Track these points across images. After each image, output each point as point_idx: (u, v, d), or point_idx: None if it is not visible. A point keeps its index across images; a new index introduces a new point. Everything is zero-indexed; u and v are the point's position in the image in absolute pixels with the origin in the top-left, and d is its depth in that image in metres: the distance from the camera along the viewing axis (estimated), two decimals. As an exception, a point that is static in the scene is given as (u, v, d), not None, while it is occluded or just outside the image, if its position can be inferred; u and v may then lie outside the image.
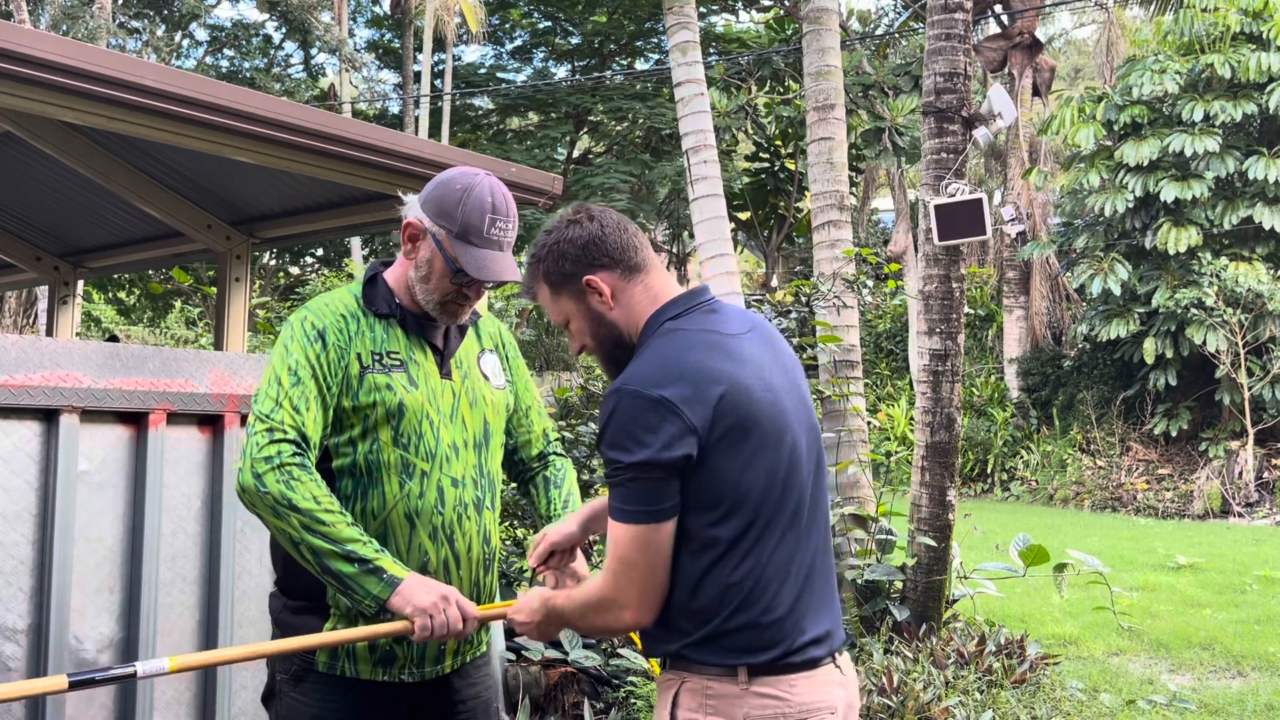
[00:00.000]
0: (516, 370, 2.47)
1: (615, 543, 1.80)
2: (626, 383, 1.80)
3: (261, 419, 2.06)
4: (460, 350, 2.32)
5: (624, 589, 1.81)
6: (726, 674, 1.81)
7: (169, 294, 19.66)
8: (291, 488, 2.00)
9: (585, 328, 1.98)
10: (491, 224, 2.17)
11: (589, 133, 24.86)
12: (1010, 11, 14.61)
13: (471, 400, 2.29)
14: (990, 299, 20.14)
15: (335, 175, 3.77)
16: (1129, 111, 14.85)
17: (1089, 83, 25.92)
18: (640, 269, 1.98)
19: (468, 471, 2.23)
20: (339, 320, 2.19)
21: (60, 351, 2.82)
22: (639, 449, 1.75)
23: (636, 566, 1.79)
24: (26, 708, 2.77)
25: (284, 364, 2.12)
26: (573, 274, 1.95)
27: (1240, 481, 13.84)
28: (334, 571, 2.01)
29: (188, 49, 24.19)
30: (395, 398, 2.16)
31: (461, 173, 2.23)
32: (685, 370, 1.79)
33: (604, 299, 1.95)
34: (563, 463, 2.51)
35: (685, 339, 1.87)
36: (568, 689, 4.46)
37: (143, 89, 3.06)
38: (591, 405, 5.78)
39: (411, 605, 2.02)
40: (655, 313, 1.95)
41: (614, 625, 1.86)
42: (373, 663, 2.17)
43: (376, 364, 2.17)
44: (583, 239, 1.95)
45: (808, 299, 6.24)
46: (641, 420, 1.76)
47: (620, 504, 1.79)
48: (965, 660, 5.20)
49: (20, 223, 5.99)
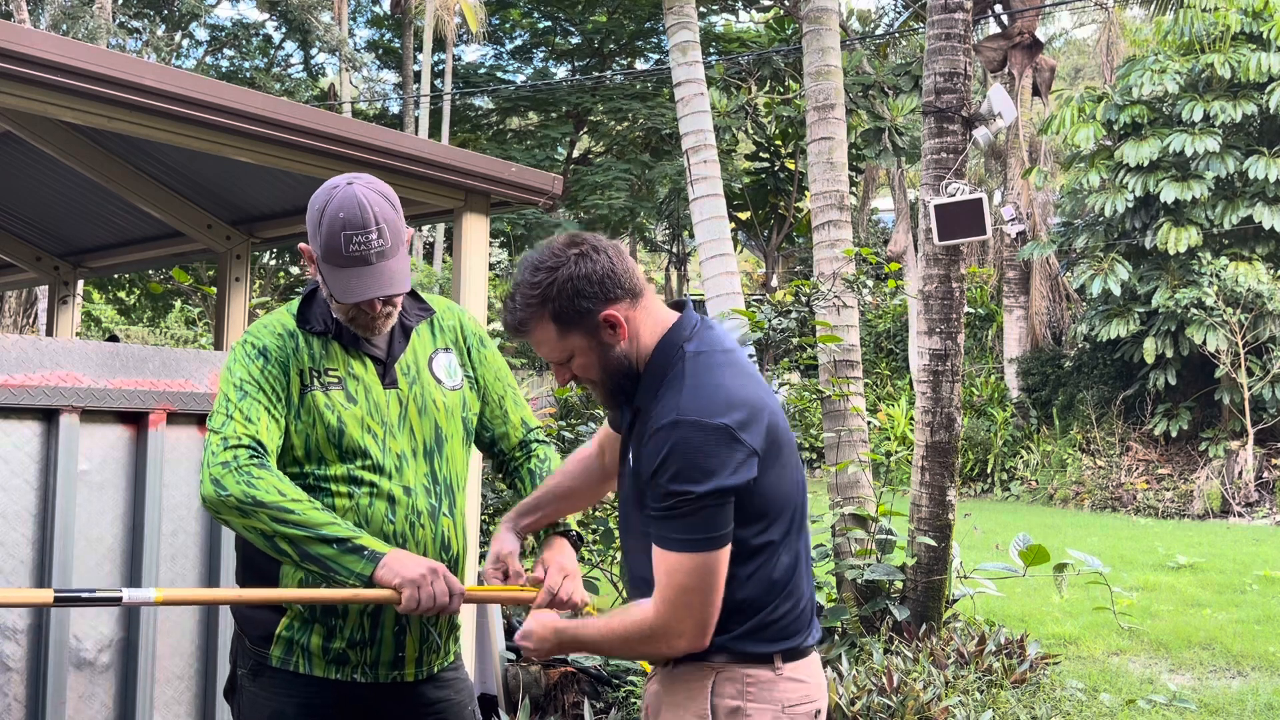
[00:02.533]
0: (483, 362, 2.39)
1: (673, 572, 1.80)
2: (683, 414, 1.79)
3: (215, 432, 2.07)
4: (407, 355, 2.26)
5: (681, 618, 1.82)
6: (763, 662, 1.89)
7: (169, 294, 19.66)
8: (253, 485, 2.00)
9: (593, 362, 1.92)
10: (348, 240, 2.07)
11: (589, 133, 24.87)
12: (1010, 11, 14.59)
13: (420, 407, 2.24)
14: (990, 299, 20.14)
15: (335, 175, 3.77)
16: (1129, 111, 14.85)
17: (1089, 83, 25.91)
18: (642, 293, 1.93)
19: (418, 480, 2.20)
20: (278, 339, 2.18)
21: (60, 351, 2.82)
22: (708, 479, 1.76)
23: (697, 593, 1.81)
24: (27, 707, 2.77)
25: (229, 383, 2.13)
26: (589, 311, 1.87)
27: (1240, 481, 13.84)
28: (314, 556, 2.01)
29: (188, 49, 24.19)
30: (334, 416, 2.14)
31: (323, 188, 2.15)
32: (733, 397, 1.82)
33: (617, 332, 1.89)
34: (546, 451, 2.46)
35: (713, 362, 1.87)
36: (568, 689, 4.46)
37: (143, 89, 3.06)
38: (592, 405, 5.78)
39: (400, 576, 2.00)
40: (666, 336, 1.92)
41: (664, 653, 1.89)
42: (325, 661, 2.17)
43: (315, 382, 2.16)
44: (598, 274, 1.86)
45: (808, 299, 6.23)
46: (707, 450, 1.77)
47: (682, 534, 1.79)
48: (965, 660, 5.20)
49: (20, 223, 5.99)
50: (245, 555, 2.26)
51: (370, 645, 2.18)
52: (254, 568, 2.22)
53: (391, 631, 2.18)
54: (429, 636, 2.24)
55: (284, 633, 2.17)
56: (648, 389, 1.91)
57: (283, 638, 2.17)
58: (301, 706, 2.17)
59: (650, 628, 1.84)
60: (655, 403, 1.87)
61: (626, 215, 23.07)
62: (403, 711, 2.25)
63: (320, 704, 2.18)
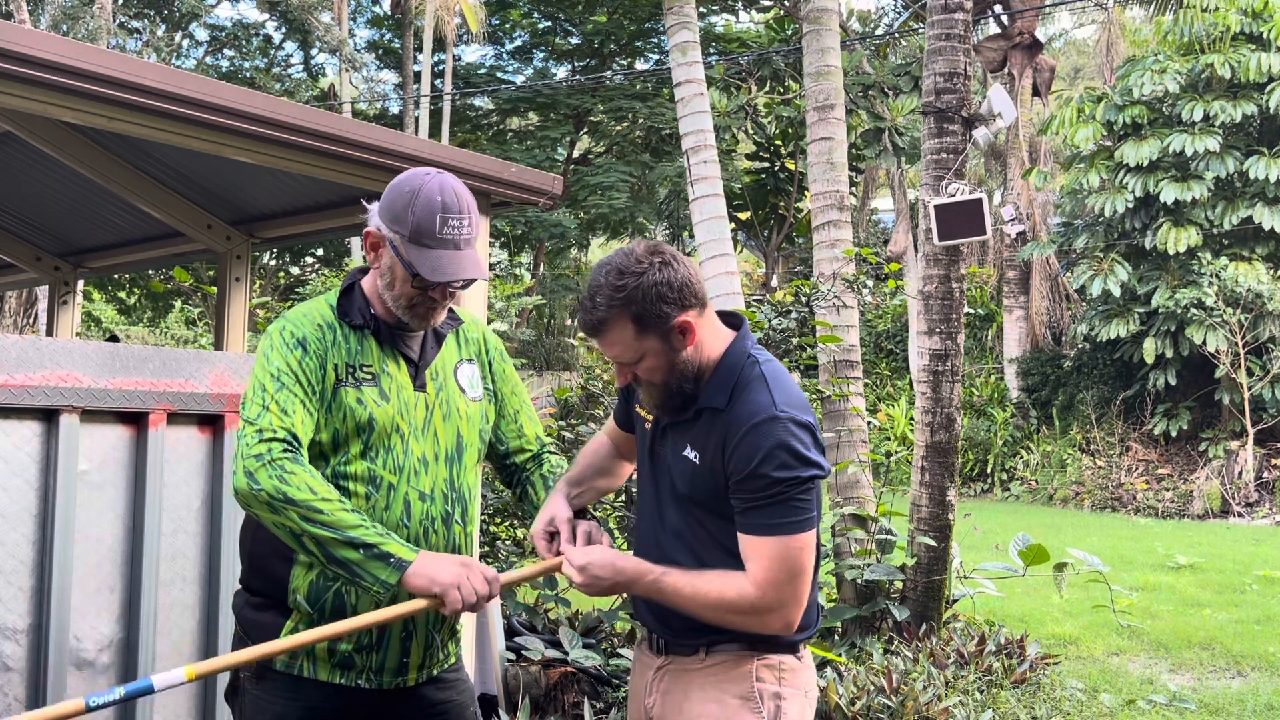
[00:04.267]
0: (502, 376, 2.43)
1: (778, 556, 1.96)
2: (781, 410, 1.97)
3: (249, 423, 2.06)
4: (437, 361, 2.29)
5: (785, 598, 1.98)
6: (793, 650, 2.11)
7: (169, 294, 19.67)
8: (285, 481, 1.99)
9: (661, 364, 2.03)
10: (444, 223, 2.13)
11: (589, 133, 24.87)
12: (1010, 11, 14.59)
13: (445, 413, 2.26)
14: (990, 299, 20.14)
15: (335, 175, 3.77)
16: (1129, 111, 14.85)
17: (1089, 83, 25.92)
18: (707, 304, 2.07)
19: (437, 485, 2.21)
20: (316, 330, 2.18)
21: (60, 351, 2.82)
22: (808, 466, 1.97)
23: (802, 572, 1.98)
24: (27, 707, 2.77)
25: (266, 371, 2.12)
26: (668, 315, 1.99)
27: (1240, 481, 13.84)
28: (340, 560, 2.00)
29: (188, 49, 24.18)
30: (365, 412, 2.15)
31: (411, 175, 2.19)
32: (805, 401, 2.05)
33: (687, 338, 2.02)
34: (559, 461, 2.49)
35: (781, 370, 2.08)
36: (568, 689, 4.46)
37: (143, 89, 3.06)
38: (592, 405, 5.78)
39: (437, 583, 2.00)
40: (734, 345, 2.09)
41: (752, 628, 2.03)
42: (330, 666, 2.17)
43: (350, 377, 2.16)
44: (678, 282, 1.99)
45: (808, 299, 6.24)
46: (804, 440, 1.97)
47: (786, 518, 1.96)
48: (965, 660, 5.20)
49: (20, 223, 5.99)
50: (252, 559, 2.24)
51: (376, 650, 2.18)
52: (261, 570, 2.21)
53: (399, 637, 2.18)
54: (432, 642, 2.24)
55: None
56: (716, 392, 2.05)
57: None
58: (305, 710, 2.17)
59: (752, 603, 1.97)
60: (733, 403, 2.02)
61: (626, 215, 23.09)
62: (406, 714, 2.25)
63: (324, 708, 2.18)
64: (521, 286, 21.22)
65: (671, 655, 2.14)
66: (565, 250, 26.78)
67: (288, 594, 2.16)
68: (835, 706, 4.32)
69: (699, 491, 2.05)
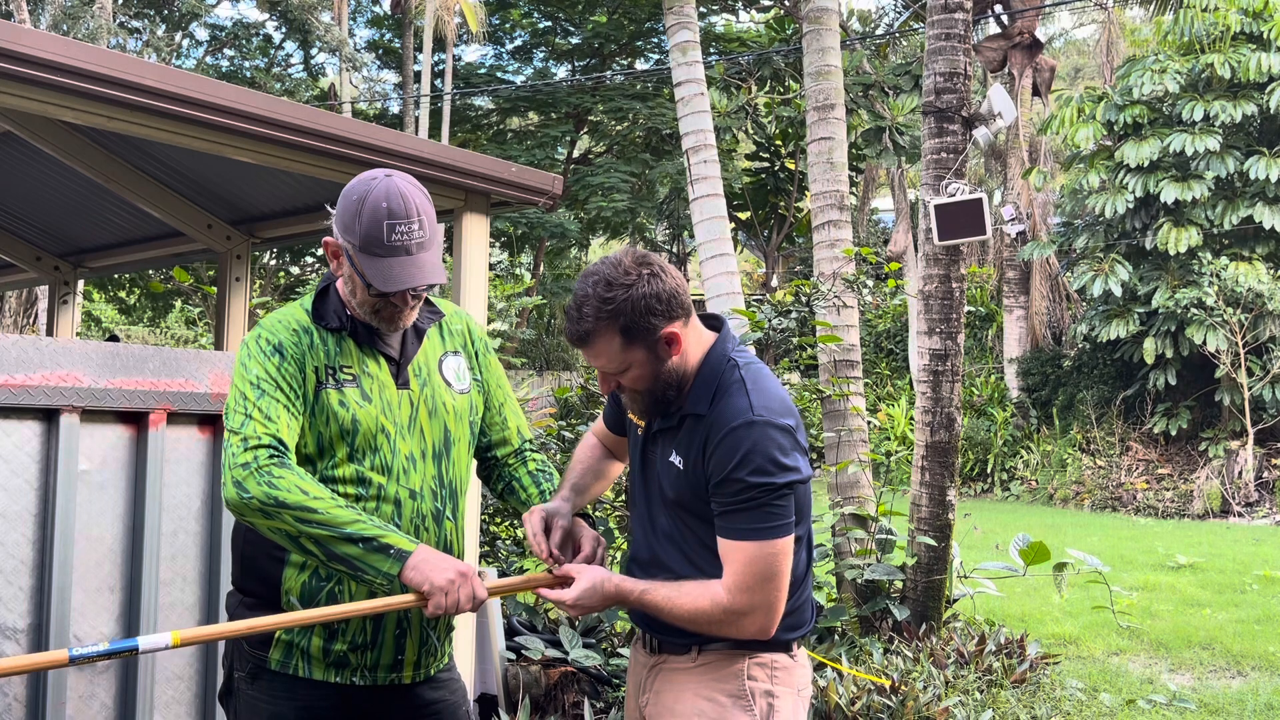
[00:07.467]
0: (487, 367, 2.41)
1: (751, 560, 1.96)
2: (758, 415, 1.97)
3: (234, 433, 2.05)
4: (419, 356, 2.27)
5: (756, 603, 1.98)
6: (785, 649, 2.11)
7: (169, 294, 19.67)
8: (275, 486, 1.98)
9: (646, 374, 2.04)
10: (391, 230, 2.07)
11: (589, 133, 24.86)
12: (1010, 11, 14.60)
13: (431, 409, 2.24)
14: (990, 299, 20.13)
15: (335, 175, 3.77)
16: (1129, 111, 14.85)
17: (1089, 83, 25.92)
18: (691, 312, 2.07)
19: (426, 483, 2.21)
20: (292, 335, 2.17)
21: (60, 351, 2.82)
22: (784, 471, 1.96)
23: (774, 578, 1.98)
24: (27, 707, 2.77)
25: (245, 380, 2.11)
26: (655, 328, 1.99)
27: (1240, 481, 13.84)
28: (340, 556, 1.99)
29: (188, 49, 24.19)
30: (348, 414, 2.14)
31: (359, 180, 2.14)
32: (787, 403, 2.04)
33: (673, 349, 2.02)
34: (543, 459, 2.47)
35: (762, 372, 2.06)
36: (568, 689, 4.46)
37: (143, 89, 3.06)
38: (592, 405, 5.78)
39: (429, 582, 1.99)
40: (714, 349, 2.08)
41: (730, 634, 2.03)
42: (325, 664, 2.16)
43: (330, 379, 2.15)
44: (666, 294, 1.99)
45: (808, 299, 6.24)
46: (782, 445, 1.97)
47: (759, 524, 1.96)
48: (965, 660, 5.20)
49: (20, 223, 5.99)
50: (244, 560, 2.24)
51: (371, 648, 2.17)
52: (253, 571, 2.21)
53: (393, 634, 2.18)
54: (428, 640, 2.24)
55: (283, 636, 2.16)
56: (699, 397, 2.05)
57: (282, 641, 2.16)
58: (300, 710, 2.16)
59: (725, 608, 1.98)
60: (714, 408, 2.01)
61: (627, 215, 23.08)
62: (400, 713, 2.25)
63: (319, 707, 2.17)
64: (522, 286, 21.22)
65: (664, 654, 2.15)
66: (566, 250, 26.77)
67: (280, 594, 2.15)
68: (835, 706, 4.32)
69: (685, 496, 2.06)
